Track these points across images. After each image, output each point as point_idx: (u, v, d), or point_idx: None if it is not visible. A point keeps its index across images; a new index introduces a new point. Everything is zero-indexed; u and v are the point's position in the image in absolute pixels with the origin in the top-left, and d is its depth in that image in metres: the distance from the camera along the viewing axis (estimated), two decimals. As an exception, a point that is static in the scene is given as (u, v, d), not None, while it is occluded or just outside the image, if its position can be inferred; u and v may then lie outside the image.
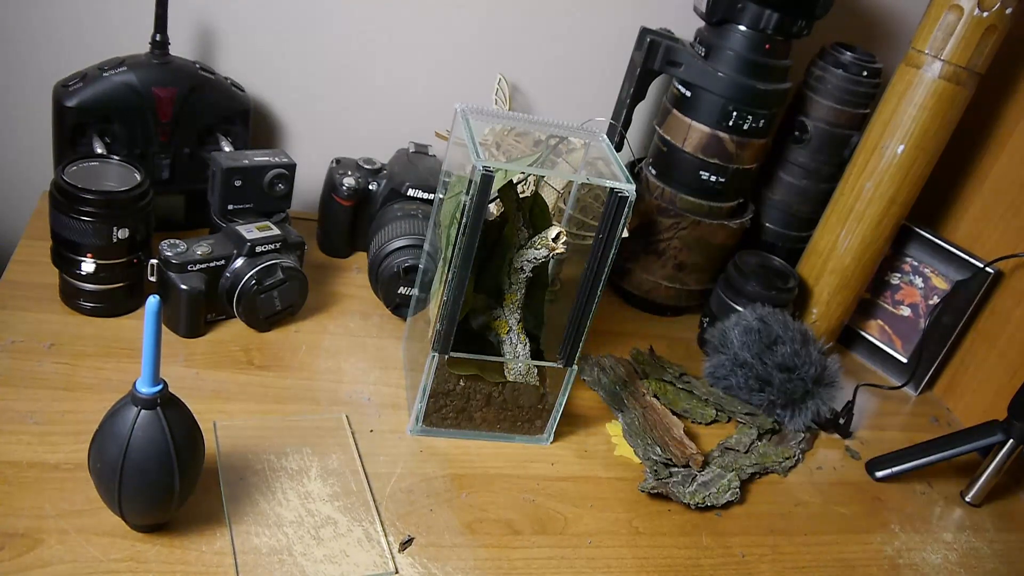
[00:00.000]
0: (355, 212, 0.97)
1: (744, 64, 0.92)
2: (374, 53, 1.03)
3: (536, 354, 0.80)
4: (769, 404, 0.91)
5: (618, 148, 1.03)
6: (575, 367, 0.77)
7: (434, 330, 0.73)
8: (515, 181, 0.77)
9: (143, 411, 0.55)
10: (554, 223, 0.73)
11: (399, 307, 0.89)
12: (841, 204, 1.01)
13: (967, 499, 0.90)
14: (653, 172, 1.02)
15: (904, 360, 1.09)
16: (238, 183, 0.86)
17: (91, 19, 0.94)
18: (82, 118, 0.84)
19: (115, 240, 0.76)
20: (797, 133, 1.04)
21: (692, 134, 0.96)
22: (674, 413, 0.88)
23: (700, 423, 0.90)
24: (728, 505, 0.79)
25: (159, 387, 0.56)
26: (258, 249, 0.82)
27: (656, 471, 0.79)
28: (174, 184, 0.92)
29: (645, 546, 0.73)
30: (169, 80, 0.86)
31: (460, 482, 0.74)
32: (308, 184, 1.04)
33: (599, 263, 0.71)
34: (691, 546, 0.74)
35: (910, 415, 1.05)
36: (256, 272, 0.81)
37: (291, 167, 0.89)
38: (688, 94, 0.96)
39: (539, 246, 0.72)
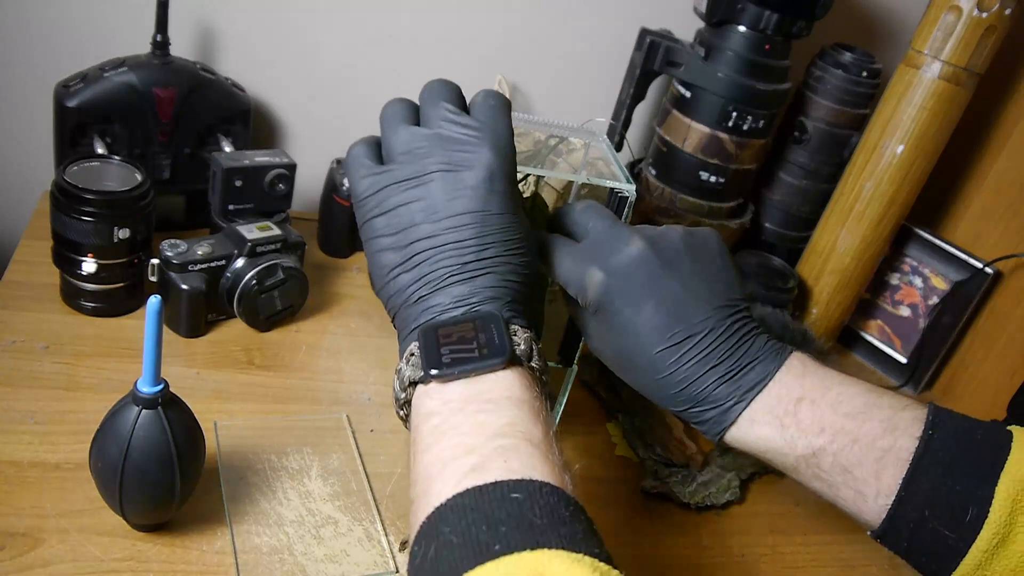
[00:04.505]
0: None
1: (744, 64, 0.92)
2: (374, 53, 1.03)
3: (536, 354, 0.80)
4: (769, 404, 0.91)
5: (618, 148, 1.03)
6: (575, 367, 0.77)
7: (434, 330, 0.73)
8: (515, 181, 0.76)
9: (144, 411, 0.55)
10: (554, 223, 0.73)
11: (399, 307, 0.89)
12: (841, 204, 1.01)
13: (967, 499, 0.90)
14: (653, 172, 1.02)
15: (904, 360, 1.09)
16: (238, 183, 0.86)
17: (92, 20, 0.94)
18: (83, 118, 0.84)
19: (116, 240, 0.77)
20: (797, 133, 1.04)
21: (692, 134, 0.96)
22: (674, 413, 0.88)
23: (700, 423, 0.90)
24: (728, 505, 0.79)
25: (160, 387, 0.56)
26: (259, 249, 0.82)
27: (656, 471, 0.79)
28: (174, 184, 0.92)
29: (645, 546, 0.73)
30: (170, 80, 0.87)
31: (460, 482, 0.74)
32: (308, 184, 1.04)
33: (599, 263, 0.71)
34: (691, 546, 0.74)
35: (910, 415, 1.04)
36: (257, 272, 0.81)
37: (291, 167, 0.89)
38: (688, 94, 0.96)
39: (539, 246, 0.72)
